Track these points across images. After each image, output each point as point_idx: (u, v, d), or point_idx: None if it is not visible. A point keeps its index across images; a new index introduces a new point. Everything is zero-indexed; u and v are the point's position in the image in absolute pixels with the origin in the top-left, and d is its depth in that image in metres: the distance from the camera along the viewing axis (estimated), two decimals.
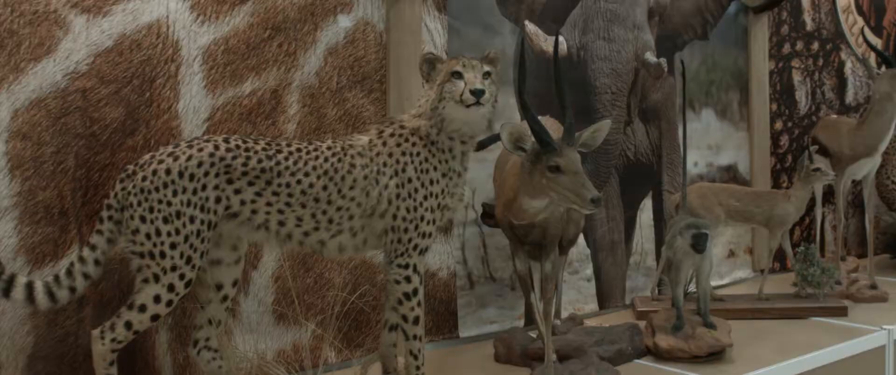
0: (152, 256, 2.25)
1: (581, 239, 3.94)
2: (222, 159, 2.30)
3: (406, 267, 2.42)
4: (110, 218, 2.32)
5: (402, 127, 2.47)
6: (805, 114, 5.03)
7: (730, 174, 4.62)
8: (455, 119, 2.43)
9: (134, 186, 2.27)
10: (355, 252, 2.47)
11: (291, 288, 2.99)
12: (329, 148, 2.41)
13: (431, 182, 2.42)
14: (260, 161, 2.32)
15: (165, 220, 2.25)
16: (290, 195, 2.34)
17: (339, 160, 2.39)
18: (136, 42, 2.68)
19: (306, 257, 3.07)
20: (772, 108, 4.83)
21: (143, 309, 2.26)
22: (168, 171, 2.27)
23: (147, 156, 2.33)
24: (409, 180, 2.40)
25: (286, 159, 2.35)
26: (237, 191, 2.32)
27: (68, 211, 2.56)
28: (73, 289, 2.29)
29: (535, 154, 2.49)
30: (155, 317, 2.28)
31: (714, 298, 3.90)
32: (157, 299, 2.27)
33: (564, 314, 3.72)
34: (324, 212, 2.37)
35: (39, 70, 2.50)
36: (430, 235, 2.45)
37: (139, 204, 2.25)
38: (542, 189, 2.50)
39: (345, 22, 3.15)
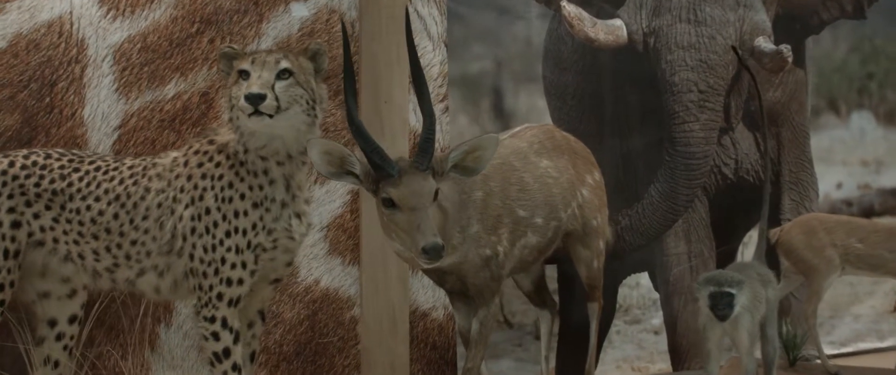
0: None
1: (645, 278, 3.10)
2: (15, 178, 1.96)
3: (212, 320, 1.89)
4: None
5: (210, 142, 1.95)
6: None
7: None
8: (255, 132, 1.86)
9: None
10: (173, 295, 2.00)
11: None
12: (130, 167, 1.96)
13: (236, 214, 1.86)
14: (52, 181, 1.95)
15: None
16: (81, 223, 1.94)
17: (135, 183, 1.94)
18: (34, 42, 2.43)
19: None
20: None
21: None
22: None
23: None
24: (208, 211, 1.87)
25: (80, 180, 1.94)
26: (36, 216, 1.97)
27: None
28: None
29: (373, 181, 1.84)
30: None
31: (827, 371, 2.86)
32: None
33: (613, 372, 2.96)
34: (118, 246, 1.93)
35: None
36: (240, 282, 1.89)
37: None
38: (385, 227, 1.84)
39: (300, 11, 2.67)
